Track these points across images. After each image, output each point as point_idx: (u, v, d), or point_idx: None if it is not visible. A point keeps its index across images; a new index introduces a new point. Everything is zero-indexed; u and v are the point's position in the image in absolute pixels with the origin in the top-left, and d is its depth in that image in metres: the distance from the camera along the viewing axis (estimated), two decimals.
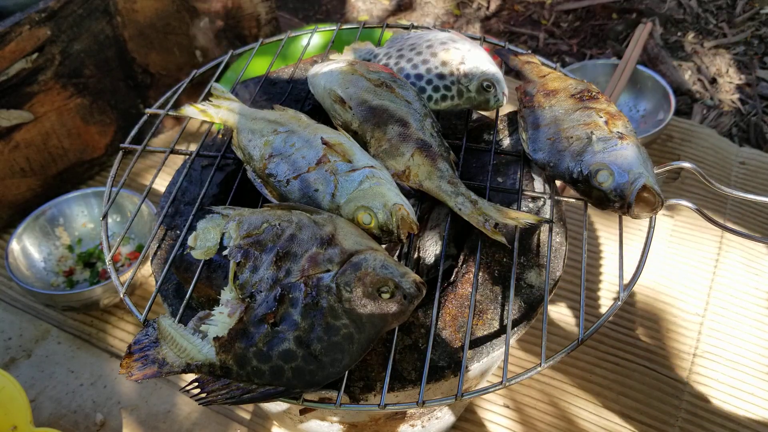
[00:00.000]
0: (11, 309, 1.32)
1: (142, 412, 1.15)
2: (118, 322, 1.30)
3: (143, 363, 0.59)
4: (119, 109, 1.55)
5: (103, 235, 0.76)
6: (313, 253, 0.60)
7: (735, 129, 1.75)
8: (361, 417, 0.82)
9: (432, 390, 0.70)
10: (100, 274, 1.35)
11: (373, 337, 0.59)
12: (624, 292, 0.69)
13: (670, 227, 1.42)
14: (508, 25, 2.15)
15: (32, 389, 1.19)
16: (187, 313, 0.69)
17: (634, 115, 1.66)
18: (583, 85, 0.82)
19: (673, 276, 1.33)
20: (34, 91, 1.36)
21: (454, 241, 0.87)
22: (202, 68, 0.97)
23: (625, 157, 0.71)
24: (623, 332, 1.25)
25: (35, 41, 1.31)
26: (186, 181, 0.86)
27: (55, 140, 1.45)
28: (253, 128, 0.77)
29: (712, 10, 2.10)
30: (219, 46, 1.68)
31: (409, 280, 0.59)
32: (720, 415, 1.13)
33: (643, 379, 1.18)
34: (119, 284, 0.73)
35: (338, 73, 0.81)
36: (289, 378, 0.56)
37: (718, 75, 1.90)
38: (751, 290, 1.30)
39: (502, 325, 0.70)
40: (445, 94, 0.84)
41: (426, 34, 0.90)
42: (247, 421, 1.14)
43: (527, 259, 0.76)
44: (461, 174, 0.80)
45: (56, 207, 1.39)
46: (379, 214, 0.66)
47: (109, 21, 1.43)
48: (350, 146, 0.71)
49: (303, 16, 2.27)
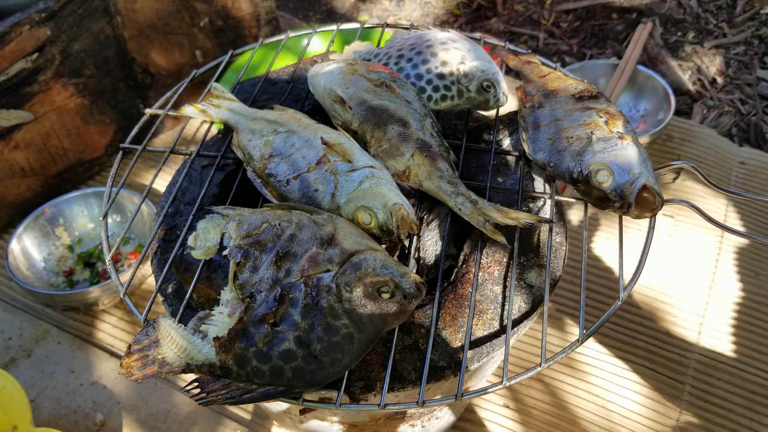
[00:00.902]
0: (11, 309, 1.32)
1: (142, 412, 1.15)
2: (118, 322, 1.30)
3: (143, 363, 0.59)
4: (119, 109, 1.55)
5: (103, 235, 0.76)
6: (313, 253, 0.60)
7: (735, 129, 1.74)
8: (361, 417, 0.82)
9: (432, 390, 0.70)
10: (100, 274, 1.35)
11: (373, 337, 0.59)
12: (624, 292, 0.69)
13: (670, 227, 1.42)
14: (508, 25, 2.15)
15: (32, 389, 1.19)
16: (187, 313, 0.69)
17: (634, 115, 1.66)
18: (583, 85, 0.82)
19: (673, 276, 1.33)
20: (34, 91, 1.36)
21: (454, 241, 0.87)
22: (202, 68, 0.97)
23: (625, 157, 0.71)
24: (623, 332, 1.25)
25: (35, 41, 1.31)
26: (186, 181, 0.86)
27: (55, 140, 1.45)
28: (253, 128, 0.77)
29: (712, 10, 2.10)
30: (219, 46, 1.69)
31: (409, 280, 0.59)
32: (720, 414, 1.13)
33: (643, 379, 1.18)
34: (119, 284, 0.73)
35: (338, 73, 0.81)
36: (289, 378, 0.56)
37: (718, 75, 1.90)
38: (751, 290, 1.30)
39: (502, 325, 0.70)
40: (445, 94, 0.84)
41: (426, 34, 0.90)
42: (247, 421, 1.14)
43: (527, 259, 0.76)
44: (461, 174, 0.80)
45: (56, 207, 1.39)
46: (379, 214, 0.66)
47: (109, 21, 1.43)
48: (350, 146, 0.71)
49: (303, 16, 2.27)
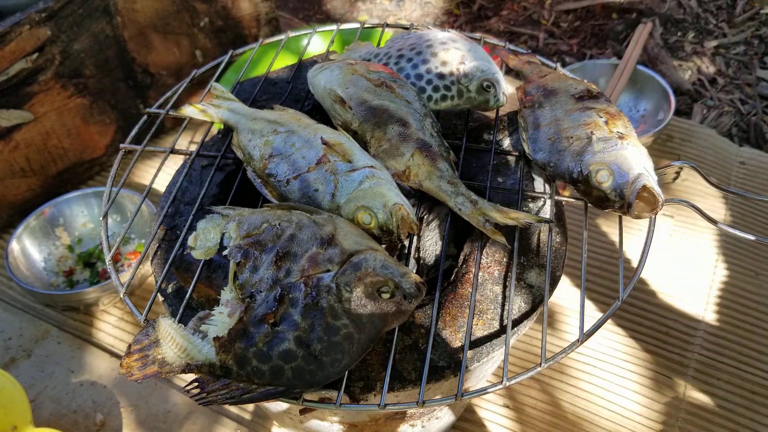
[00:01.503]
0: (11, 309, 1.32)
1: (142, 412, 1.15)
2: (118, 322, 1.30)
3: (143, 363, 0.59)
4: (119, 109, 1.55)
5: (103, 235, 0.76)
6: (313, 253, 0.60)
7: (735, 129, 1.74)
8: (361, 417, 0.82)
9: (432, 390, 0.70)
10: (100, 274, 1.35)
11: (373, 337, 0.59)
12: (624, 292, 0.69)
13: (670, 227, 1.42)
14: (508, 25, 2.15)
15: (32, 389, 1.19)
16: (187, 313, 0.69)
17: (634, 115, 1.66)
18: (583, 85, 0.82)
19: (673, 276, 1.33)
20: (34, 91, 1.36)
21: (454, 241, 0.87)
22: (202, 68, 0.97)
23: (625, 157, 0.71)
24: (623, 332, 1.25)
25: (35, 41, 1.31)
26: (186, 181, 0.86)
27: (55, 140, 1.45)
28: (253, 128, 0.77)
29: (712, 10, 2.10)
30: (219, 46, 1.69)
31: (409, 280, 0.59)
32: (720, 414, 1.13)
33: (643, 378, 1.18)
34: (119, 284, 0.73)
35: (338, 73, 0.81)
36: (289, 378, 0.56)
37: (718, 75, 1.90)
38: (751, 290, 1.30)
39: (502, 325, 0.70)
40: (445, 94, 0.84)
41: (426, 34, 0.90)
42: (247, 421, 1.14)
43: (527, 259, 0.76)
44: (461, 174, 0.80)
45: (56, 207, 1.39)
46: (379, 214, 0.66)
47: (109, 21, 1.43)
48: (350, 146, 0.71)
49: (303, 16, 2.27)
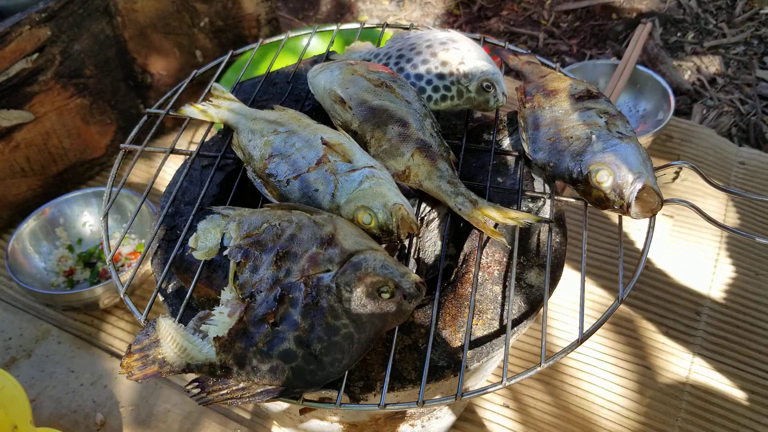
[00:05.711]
0: (11, 309, 1.32)
1: (142, 412, 1.15)
2: (118, 322, 1.30)
3: (143, 363, 0.59)
4: (119, 109, 1.55)
5: (104, 235, 0.77)
6: (313, 253, 0.60)
7: (735, 129, 1.75)
8: (361, 417, 0.82)
9: (432, 390, 0.70)
10: (100, 274, 1.35)
11: (373, 337, 0.59)
12: (624, 291, 0.69)
13: (670, 227, 1.42)
14: (508, 25, 2.15)
15: (32, 389, 1.19)
16: (187, 313, 0.69)
17: (634, 115, 1.66)
18: (583, 85, 0.82)
19: (673, 276, 1.33)
20: (35, 91, 1.36)
21: (454, 241, 0.87)
22: (202, 68, 0.97)
23: (624, 157, 0.71)
24: (623, 332, 1.25)
25: (35, 41, 1.31)
26: (186, 181, 0.86)
27: (56, 140, 1.45)
28: (253, 128, 0.77)
29: (711, 10, 2.10)
30: (219, 46, 1.69)
31: (409, 280, 0.59)
32: (720, 414, 1.13)
33: (643, 379, 1.18)
34: (119, 284, 0.73)
35: (338, 73, 0.81)
36: (289, 378, 0.56)
37: (718, 75, 1.90)
38: (751, 290, 1.30)
39: (502, 325, 0.70)
40: (445, 95, 0.84)
41: (426, 34, 0.90)
42: (247, 421, 1.14)
43: (527, 259, 0.76)
44: (461, 174, 0.80)
45: (56, 207, 1.39)
46: (379, 214, 0.66)
47: (110, 21, 1.43)
48: (350, 146, 0.71)
49: (303, 16, 2.27)
